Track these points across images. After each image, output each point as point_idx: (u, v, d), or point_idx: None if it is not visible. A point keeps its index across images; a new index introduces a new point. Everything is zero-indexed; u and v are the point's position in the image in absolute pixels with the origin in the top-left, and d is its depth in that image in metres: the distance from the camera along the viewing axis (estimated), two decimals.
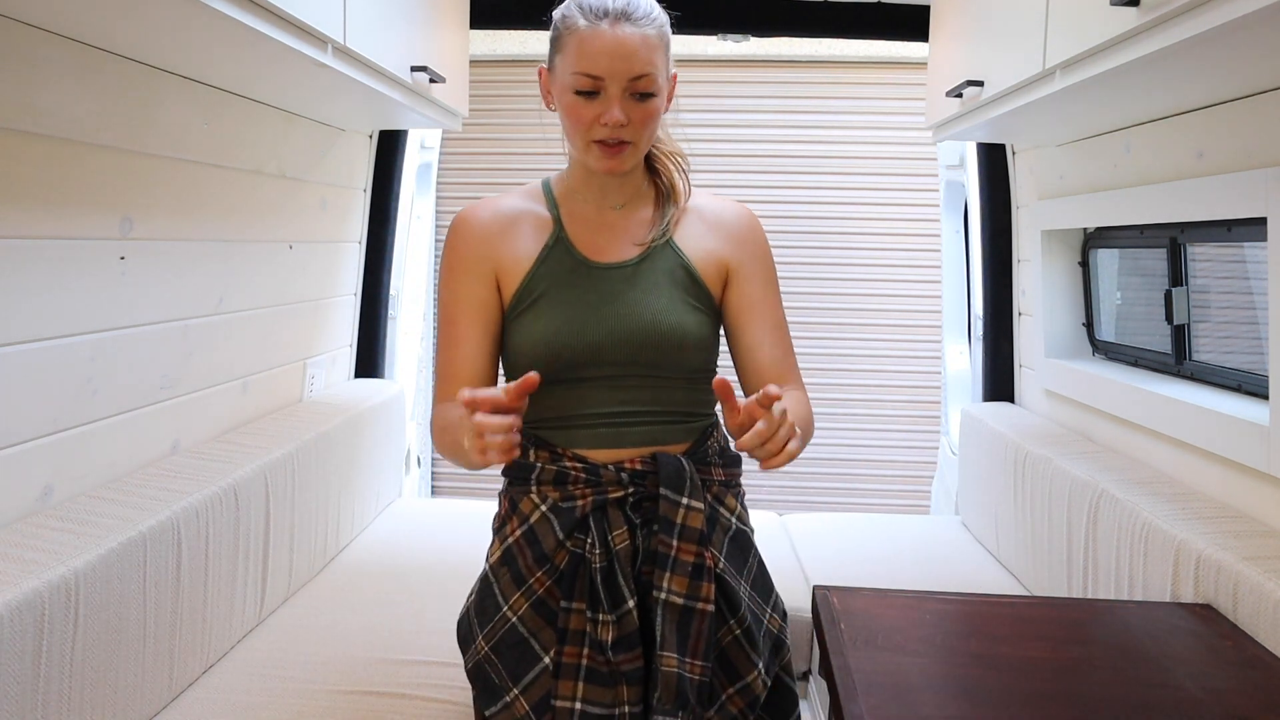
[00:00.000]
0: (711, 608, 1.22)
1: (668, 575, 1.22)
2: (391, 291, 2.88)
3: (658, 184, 1.38)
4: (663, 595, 1.21)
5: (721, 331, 1.40)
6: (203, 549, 1.61)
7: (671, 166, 1.38)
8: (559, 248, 1.32)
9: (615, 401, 1.29)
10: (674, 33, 1.31)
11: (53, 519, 1.41)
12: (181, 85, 1.73)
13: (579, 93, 1.23)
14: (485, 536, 1.41)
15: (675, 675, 1.18)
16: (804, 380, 1.40)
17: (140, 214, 1.65)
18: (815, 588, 1.41)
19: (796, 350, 1.41)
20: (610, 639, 1.20)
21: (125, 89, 1.57)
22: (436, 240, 3.57)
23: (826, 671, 1.19)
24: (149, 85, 1.63)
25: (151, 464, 1.74)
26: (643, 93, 1.23)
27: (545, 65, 1.31)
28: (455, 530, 2.45)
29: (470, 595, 1.35)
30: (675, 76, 1.32)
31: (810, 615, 1.37)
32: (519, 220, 1.34)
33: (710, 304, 1.35)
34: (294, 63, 1.59)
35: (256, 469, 1.82)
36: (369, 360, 2.84)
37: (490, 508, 1.44)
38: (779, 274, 1.42)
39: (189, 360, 1.85)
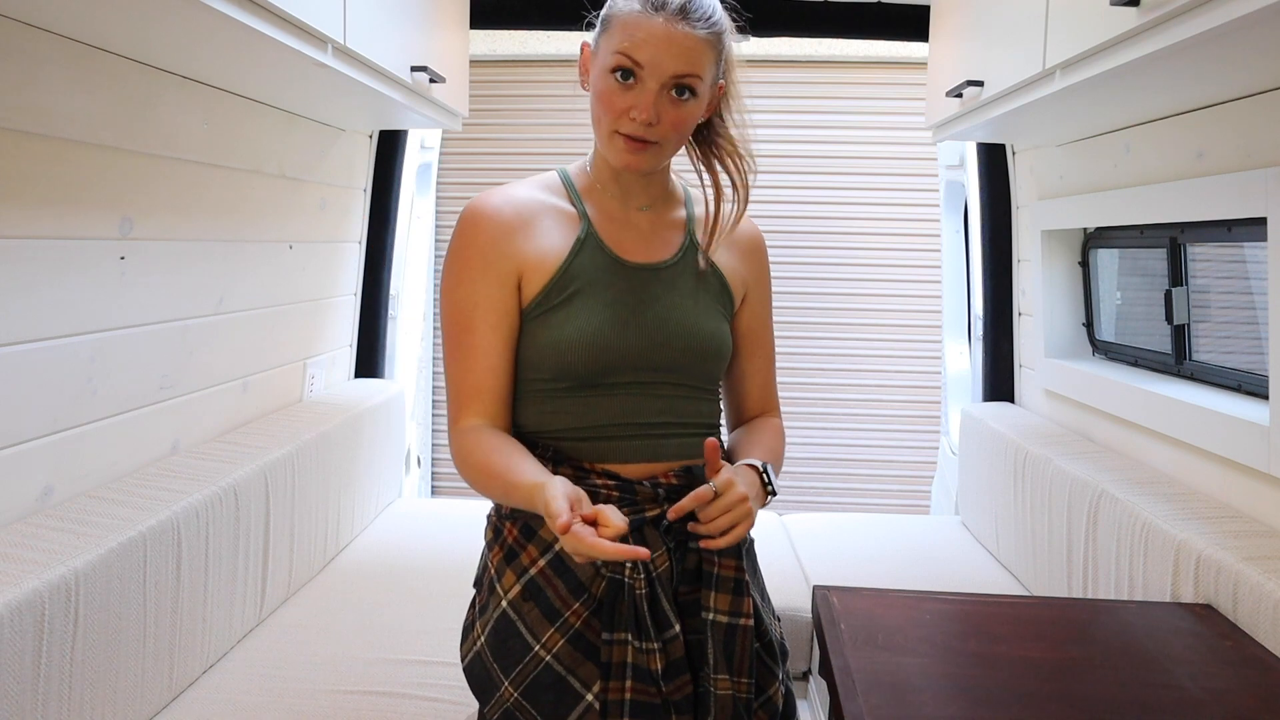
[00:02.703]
0: (751, 622, 1.18)
1: (713, 594, 1.17)
2: (391, 291, 2.88)
3: (715, 183, 1.28)
4: (710, 615, 1.17)
5: None
6: (203, 549, 1.61)
7: (733, 171, 1.27)
8: (590, 243, 1.23)
9: (652, 412, 1.21)
10: None
11: (53, 519, 1.41)
12: (181, 85, 1.73)
13: (616, 74, 1.16)
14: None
15: (730, 698, 1.14)
16: (806, 381, 1.40)
17: (140, 214, 1.65)
18: (815, 588, 1.40)
19: (798, 350, 1.41)
20: (660, 668, 1.13)
21: (124, 88, 1.57)
22: (437, 240, 3.57)
23: (826, 671, 1.19)
24: (148, 85, 1.63)
25: (151, 464, 1.74)
26: (680, 91, 1.16)
27: (589, 42, 1.24)
28: (455, 530, 2.45)
29: (474, 634, 1.24)
30: (723, 87, 1.24)
31: (810, 615, 1.36)
32: (541, 212, 1.23)
33: (731, 315, 1.32)
34: (294, 63, 1.59)
35: (256, 469, 1.82)
36: (369, 360, 2.84)
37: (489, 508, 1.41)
38: (778, 275, 1.41)
39: (189, 360, 1.85)
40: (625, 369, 1.20)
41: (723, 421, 1.38)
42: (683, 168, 1.33)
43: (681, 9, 1.15)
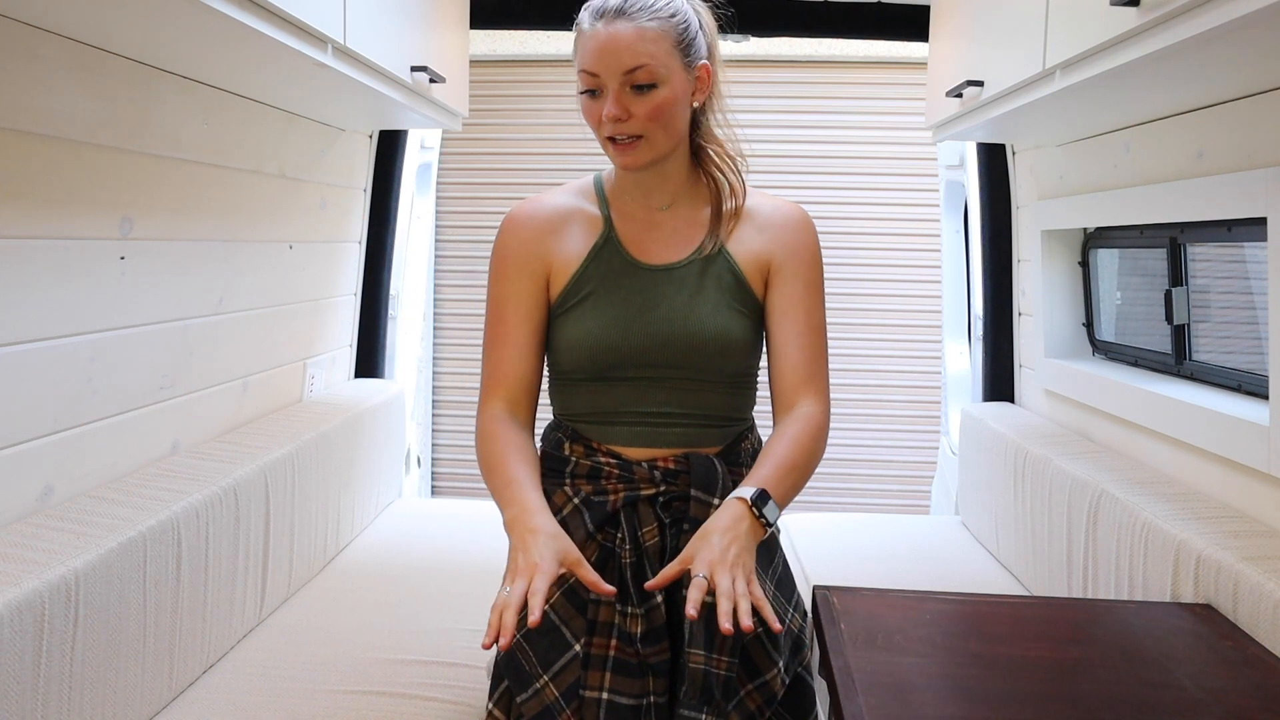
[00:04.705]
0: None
1: None
2: (391, 291, 2.88)
3: (714, 183, 1.36)
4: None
5: None
6: (203, 549, 1.61)
7: (725, 169, 1.36)
8: (608, 247, 1.33)
9: (653, 402, 1.31)
10: None
11: (53, 519, 1.41)
12: (181, 85, 1.73)
13: (584, 93, 1.27)
14: (485, 537, 1.40)
15: (702, 671, 1.20)
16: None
17: (140, 214, 1.65)
18: (815, 588, 1.41)
19: None
20: (639, 632, 1.23)
21: (125, 89, 1.57)
22: (436, 240, 3.57)
23: (826, 671, 1.19)
24: (148, 85, 1.63)
25: (151, 464, 1.74)
26: (641, 85, 1.23)
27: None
28: (455, 530, 2.45)
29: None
30: (706, 68, 1.30)
31: (810, 615, 1.37)
32: (569, 218, 1.35)
33: (755, 306, 1.35)
34: (294, 63, 1.59)
35: (256, 469, 1.82)
36: (369, 360, 2.84)
37: (490, 507, 1.43)
38: None
39: (189, 360, 1.85)
40: (627, 365, 1.30)
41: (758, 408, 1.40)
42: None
43: (618, 10, 1.23)
